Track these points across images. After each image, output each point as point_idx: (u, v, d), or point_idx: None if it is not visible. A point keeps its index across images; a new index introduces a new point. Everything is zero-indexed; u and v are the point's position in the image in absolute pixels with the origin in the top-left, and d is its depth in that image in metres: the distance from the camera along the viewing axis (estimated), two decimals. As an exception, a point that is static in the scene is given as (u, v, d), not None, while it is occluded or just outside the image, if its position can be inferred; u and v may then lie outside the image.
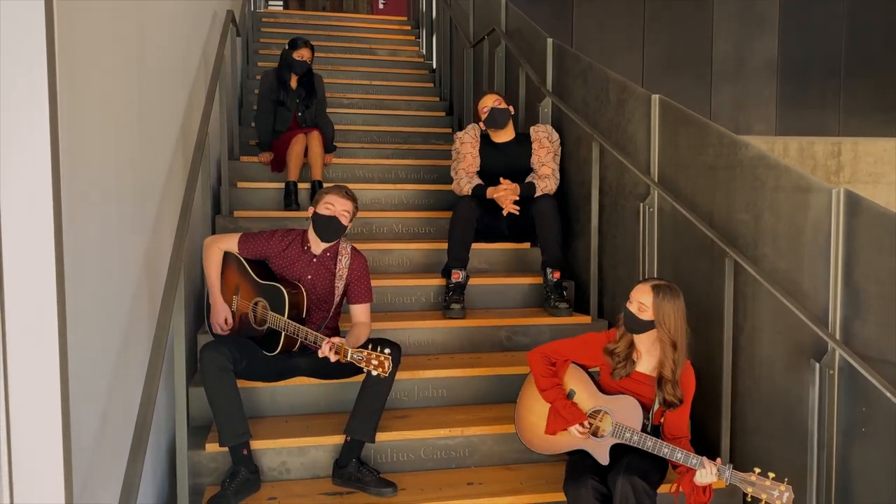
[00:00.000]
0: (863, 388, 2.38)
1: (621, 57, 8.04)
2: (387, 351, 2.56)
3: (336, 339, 2.62)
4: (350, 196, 2.88)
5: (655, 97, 3.35)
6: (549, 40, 4.28)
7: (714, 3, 8.24)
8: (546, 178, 3.85)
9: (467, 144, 3.99)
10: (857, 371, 2.35)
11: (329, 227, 2.85)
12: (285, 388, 3.04)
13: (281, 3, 9.33)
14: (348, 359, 2.57)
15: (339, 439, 2.78)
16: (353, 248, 2.97)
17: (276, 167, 4.57)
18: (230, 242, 2.92)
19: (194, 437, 2.84)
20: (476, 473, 2.90)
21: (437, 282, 3.80)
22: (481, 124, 4.00)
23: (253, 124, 4.76)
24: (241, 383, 2.90)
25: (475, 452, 2.96)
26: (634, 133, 3.51)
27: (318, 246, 2.90)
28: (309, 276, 2.88)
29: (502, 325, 3.59)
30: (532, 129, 4.03)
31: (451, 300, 3.60)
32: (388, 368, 2.54)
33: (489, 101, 3.96)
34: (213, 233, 4.03)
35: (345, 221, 2.85)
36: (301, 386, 3.05)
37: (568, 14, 7.97)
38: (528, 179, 3.87)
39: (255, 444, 2.75)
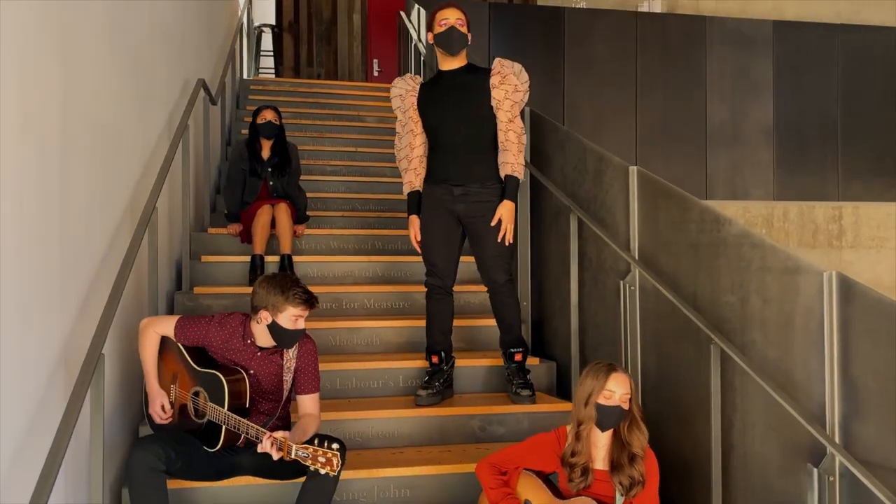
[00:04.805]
0: (868, 499, 2.08)
1: (614, 123, 7.94)
2: (335, 446, 2.31)
3: (279, 434, 2.37)
4: (313, 302, 2.59)
5: (633, 168, 3.15)
6: (527, 108, 4.11)
7: (707, 69, 8.18)
8: (509, 153, 3.15)
9: (410, 110, 3.25)
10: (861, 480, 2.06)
11: (294, 339, 2.61)
12: (228, 488, 2.74)
13: (273, 72, 9.32)
14: (292, 456, 2.31)
15: (284, 549, 2.48)
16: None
17: (247, 238, 4.38)
18: (167, 326, 2.67)
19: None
20: (438, 588, 2.58)
21: (408, 364, 3.53)
22: (430, 36, 3.18)
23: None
24: (178, 483, 2.63)
25: (437, 563, 2.65)
26: (613, 205, 3.30)
27: (264, 340, 2.63)
28: (252, 371, 2.62)
29: (475, 414, 3.29)
30: (497, 61, 3.22)
31: (422, 385, 3.32)
32: (337, 466, 2.29)
33: (451, 16, 3.12)
34: (173, 310, 3.81)
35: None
36: (246, 486, 2.75)
37: (559, 81, 7.91)
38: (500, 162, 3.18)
39: (189, 555, 2.45)
